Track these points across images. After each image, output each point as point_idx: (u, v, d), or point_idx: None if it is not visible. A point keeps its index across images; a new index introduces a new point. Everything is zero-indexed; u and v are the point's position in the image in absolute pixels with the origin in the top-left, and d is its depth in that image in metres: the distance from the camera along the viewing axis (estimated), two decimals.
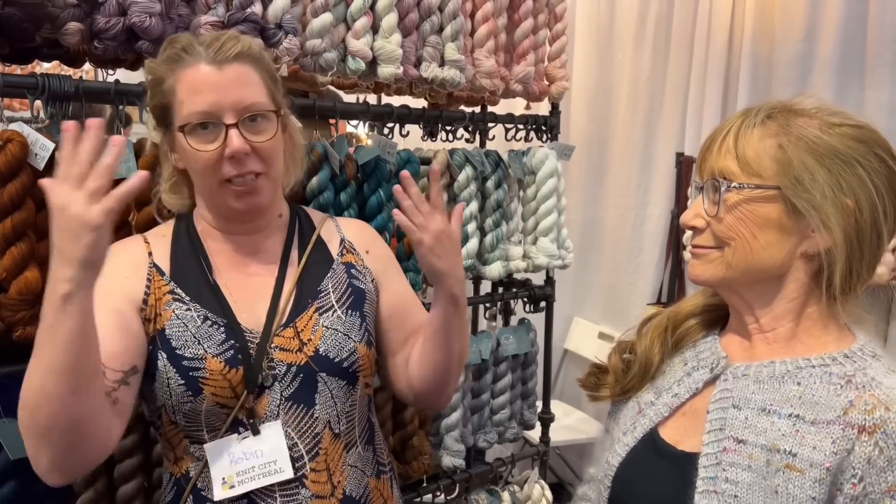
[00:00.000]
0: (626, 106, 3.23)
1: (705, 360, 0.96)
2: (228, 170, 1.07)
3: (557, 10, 1.99)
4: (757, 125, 0.89)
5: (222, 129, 1.05)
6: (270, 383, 1.10)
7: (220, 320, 1.10)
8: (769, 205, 0.87)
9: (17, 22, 1.16)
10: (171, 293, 1.11)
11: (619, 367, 1.04)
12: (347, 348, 1.15)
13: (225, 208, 1.13)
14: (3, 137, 1.18)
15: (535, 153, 1.96)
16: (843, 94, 2.60)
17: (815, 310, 0.90)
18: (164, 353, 1.08)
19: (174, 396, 1.07)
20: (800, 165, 0.85)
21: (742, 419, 0.87)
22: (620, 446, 0.98)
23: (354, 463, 1.17)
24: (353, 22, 1.54)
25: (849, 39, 2.59)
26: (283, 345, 1.12)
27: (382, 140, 1.67)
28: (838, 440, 0.80)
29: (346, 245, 1.25)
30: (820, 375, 0.86)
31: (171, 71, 1.08)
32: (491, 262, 1.87)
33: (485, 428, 1.93)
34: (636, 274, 3.25)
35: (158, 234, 1.19)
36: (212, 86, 1.05)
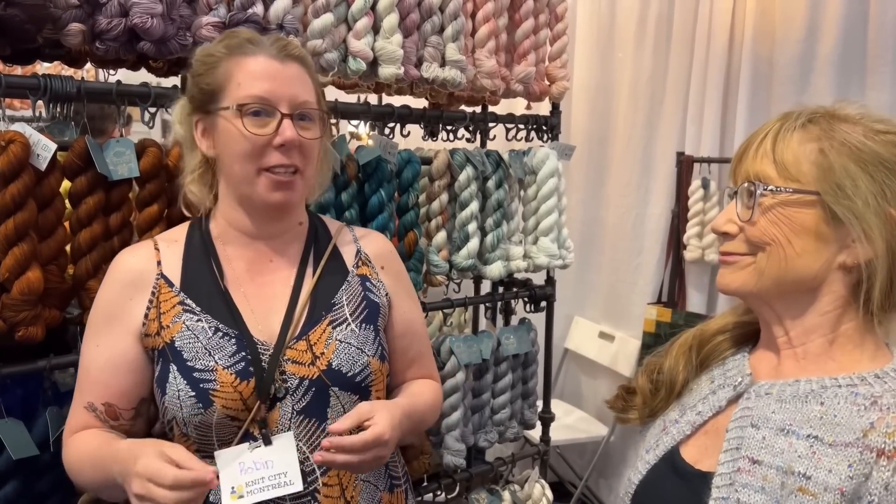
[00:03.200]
0: (627, 105, 3.23)
1: (731, 377, 0.93)
2: (276, 157, 1.08)
3: (558, 10, 1.99)
4: (797, 129, 0.85)
5: (276, 119, 1.07)
6: (283, 395, 1.09)
7: (231, 331, 1.09)
8: (807, 210, 0.83)
9: (19, 23, 1.16)
10: (182, 304, 1.11)
11: (647, 388, 1.01)
12: (361, 362, 1.13)
13: (255, 200, 1.11)
14: (5, 138, 1.18)
15: (535, 153, 1.96)
16: (843, 94, 2.60)
17: (852, 325, 0.85)
18: (175, 366, 1.07)
19: (185, 409, 1.06)
20: (842, 171, 0.81)
21: (759, 439, 0.83)
22: (642, 464, 0.96)
23: (367, 478, 1.16)
24: (354, 22, 1.54)
25: (849, 39, 2.60)
26: (295, 357, 1.10)
27: (383, 140, 1.67)
28: (855, 464, 0.76)
29: (362, 257, 1.24)
30: (845, 395, 0.81)
31: (230, 56, 1.09)
32: (492, 261, 1.88)
33: (485, 427, 1.93)
34: (637, 273, 3.25)
35: (171, 238, 1.18)
36: (273, 75, 1.08)
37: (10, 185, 1.18)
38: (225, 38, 1.14)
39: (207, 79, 1.10)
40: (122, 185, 1.32)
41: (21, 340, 1.22)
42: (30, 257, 1.21)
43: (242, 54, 1.09)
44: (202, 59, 1.12)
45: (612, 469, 3.24)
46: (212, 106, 1.10)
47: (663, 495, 0.92)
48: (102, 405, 1.10)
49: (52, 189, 1.25)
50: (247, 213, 1.15)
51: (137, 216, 1.35)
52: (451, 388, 1.80)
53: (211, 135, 1.12)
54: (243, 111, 1.06)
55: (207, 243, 1.16)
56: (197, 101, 1.12)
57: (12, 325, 1.21)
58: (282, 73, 1.09)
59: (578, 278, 3.36)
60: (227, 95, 1.08)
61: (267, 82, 1.08)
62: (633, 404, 1.03)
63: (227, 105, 1.08)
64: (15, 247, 1.20)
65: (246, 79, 1.08)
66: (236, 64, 1.09)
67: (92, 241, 1.30)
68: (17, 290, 1.19)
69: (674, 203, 3.12)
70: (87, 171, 1.28)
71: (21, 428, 1.24)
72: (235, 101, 1.07)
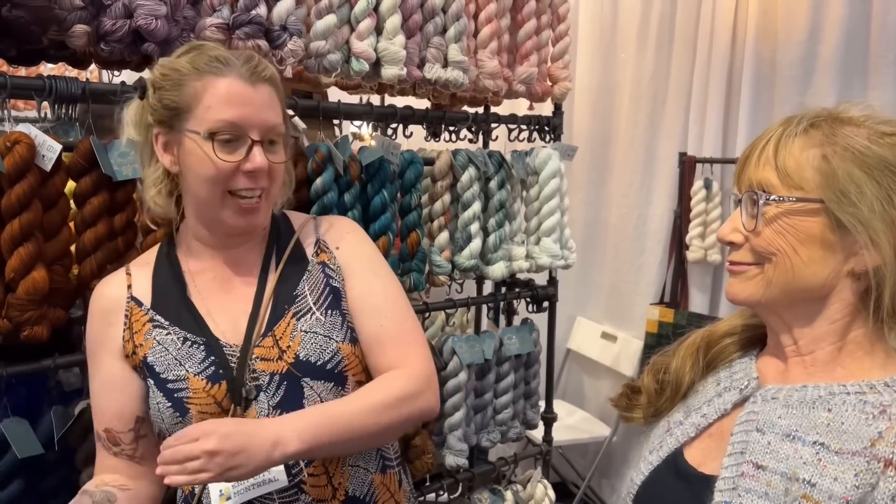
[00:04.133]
0: (629, 106, 3.23)
1: (738, 380, 0.91)
2: (243, 181, 1.07)
3: (560, 11, 2.00)
4: (799, 134, 0.83)
5: (246, 144, 1.06)
6: (255, 395, 1.10)
7: (199, 339, 1.11)
8: (811, 219, 0.81)
9: (24, 24, 1.17)
10: (151, 321, 1.13)
11: (652, 388, 1.00)
12: (330, 350, 1.13)
13: (220, 223, 1.11)
14: (10, 139, 1.19)
15: (538, 153, 1.96)
16: (846, 95, 2.60)
17: (861, 333, 0.84)
18: (152, 381, 1.11)
19: (165, 420, 1.10)
20: (846, 177, 0.79)
21: (764, 444, 0.82)
22: (645, 465, 0.95)
23: (355, 462, 1.17)
24: (356, 23, 1.55)
25: (852, 39, 2.60)
26: (263, 355, 1.11)
27: (386, 141, 1.67)
28: (862, 473, 0.74)
29: (320, 244, 1.22)
30: (854, 403, 0.79)
31: (199, 75, 1.05)
32: (494, 262, 1.88)
33: (488, 427, 1.94)
34: (639, 274, 3.25)
35: (143, 262, 1.20)
36: (244, 101, 1.06)
37: (16, 186, 1.19)
38: (190, 51, 1.10)
39: (172, 95, 1.06)
40: (126, 185, 1.33)
41: (26, 340, 1.23)
42: (35, 257, 1.21)
43: (212, 74, 1.05)
44: (166, 72, 1.07)
45: (615, 469, 3.24)
46: (177, 124, 1.07)
47: (665, 497, 0.91)
48: (104, 432, 1.13)
49: (57, 189, 1.26)
50: (209, 229, 1.15)
51: (141, 216, 1.36)
52: (454, 388, 1.81)
53: (173, 151, 1.09)
54: (214, 138, 1.04)
55: (174, 260, 1.17)
56: (159, 115, 1.08)
57: (17, 325, 1.22)
58: (253, 98, 1.06)
59: (581, 279, 3.36)
60: (195, 117, 1.05)
61: (238, 108, 1.05)
62: (638, 403, 1.02)
63: (196, 129, 1.05)
64: (20, 247, 1.20)
65: (217, 102, 1.04)
66: (204, 85, 1.05)
67: (96, 241, 1.30)
68: (22, 290, 1.20)
69: (676, 203, 3.12)
70: (91, 171, 1.29)
71: (26, 427, 1.25)
72: (205, 125, 1.04)
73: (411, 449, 1.77)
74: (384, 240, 1.61)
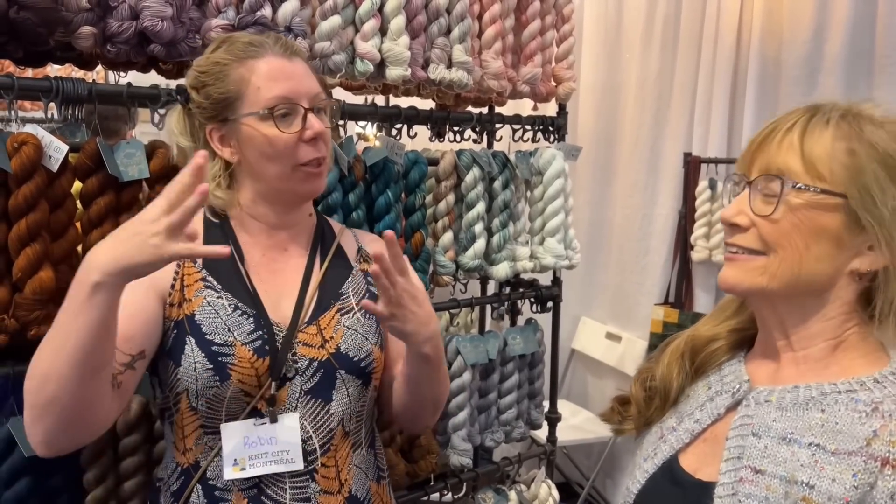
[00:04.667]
0: (634, 106, 3.23)
1: (729, 384, 0.91)
2: (308, 151, 1.12)
3: (565, 12, 2.00)
4: (830, 124, 0.81)
5: (299, 115, 1.11)
6: (293, 375, 1.13)
7: (250, 311, 1.13)
8: (829, 214, 0.80)
9: (31, 26, 1.18)
10: (203, 280, 1.13)
11: (641, 396, 0.99)
12: (365, 349, 1.18)
13: (289, 195, 1.16)
14: (17, 140, 1.20)
15: (542, 154, 1.96)
16: (851, 94, 2.59)
17: (855, 331, 0.84)
18: (193, 338, 1.09)
19: (200, 381, 1.08)
20: (872, 176, 0.78)
21: (761, 448, 0.81)
22: (640, 473, 0.94)
23: (359, 464, 1.20)
24: (361, 24, 1.55)
25: (857, 39, 2.59)
26: (306, 340, 1.15)
27: (390, 141, 1.68)
28: (860, 473, 0.74)
29: (363, 255, 1.29)
30: (846, 402, 0.79)
31: (238, 62, 1.11)
32: (498, 262, 1.88)
33: (492, 427, 1.94)
34: (644, 274, 3.25)
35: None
36: (288, 74, 1.11)
37: (23, 186, 1.20)
38: (221, 44, 1.14)
39: (219, 87, 1.11)
40: (132, 186, 1.33)
41: (33, 339, 1.23)
42: (42, 257, 1.22)
43: (250, 57, 1.11)
44: (208, 68, 1.13)
45: (619, 470, 3.24)
46: (230, 114, 1.11)
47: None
48: None
49: (63, 190, 1.27)
50: (271, 205, 1.18)
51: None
52: (458, 388, 1.81)
53: (231, 142, 1.14)
54: (273, 113, 1.09)
55: (227, 230, 1.18)
56: (210, 112, 1.13)
57: (25, 324, 1.22)
58: (293, 70, 1.13)
59: (585, 279, 3.36)
60: (248, 101, 1.10)
61: (284, 81, 1.11)
62: (629, 415, 1.01)
63: (252, 111, 1.10)
64: (27, 247, 1.21)
65: (264, 81, 1.10)
66: (247, 68, 1.10)
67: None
68: (29, 290, 1.21)
69: (681, 204, 3.12)
70: (98, 172, 1.30)
71: None
72: (260, 105, 1.09)
73: (416, 448, 1.77)
74: None
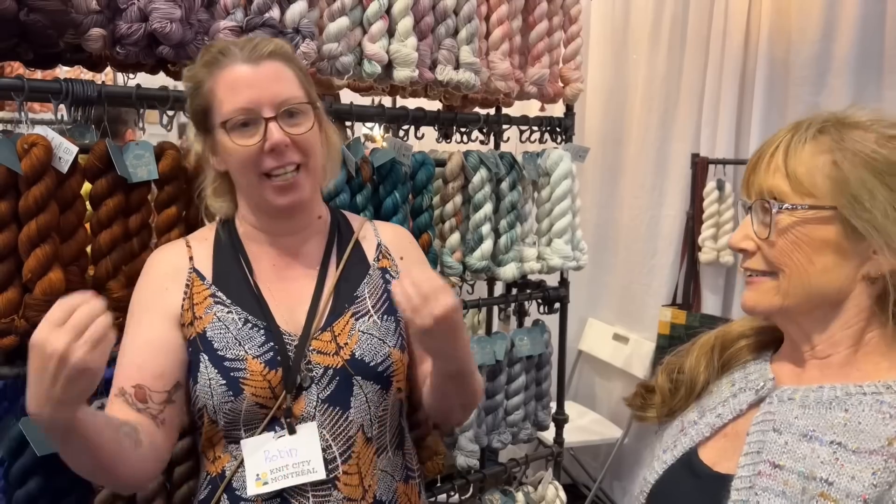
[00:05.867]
0: (641, 107, 3.22)
1: (753, 381, 0.92)
2: (269, 162, 1.09)
3: (572, 13, 2.00)
4: (808, 140, 0.83)
5: (261, 124, 1.08)
6: (308, 384, 1.12)
7: (260, 323, 1.12)
8: (825, 226, 0.81)
9: (41, 28, 1.19)
10: (213, 296, 1.14)
11: (666, 387, 1.00)
12: (382, 353, 1.16)
13: (266, 206, 1.14)
14: (27, 141, 1.20)
15: (549, 155, 1.96)
16: (860, 95, 2.58)
17: (877, 335, 0.84)
18: (206, 356, 1.10)
19: (216, 397, 1.09)
20: (857, 183, 0.80)
21: (781, 444, 0.82)
22: (659, 464, 0.95)
23: (385, 468, 1.18)
24: (369, 26, 1.56)
25: (866, 39, 2.57)
26: (320, 348, 1.13)
27: (398, 142, 1.68)
28: (879, 472, 0.75)
29: (382, 250, 1.26)
30: (870, 403, 0.80)
31: (209, 74, 1.11)
32: (505, 263, 1.88)
33: (499, 428, 1.94)
34: (651, 275, 3.24)
35: (201, 237, 1.22)
36: (249, 82, 1.08)
37: (33, 188, 1.21)
38: (203, 54, 1.15)
39: (197, 100, 1.13)
40: (141, 187, 1.34)
41: None
42: (51, 258, 1.23)
43: (218, 68, 1.10)
44: (188, 81, 1.15)
45: (626, 471, 3.23)
46: (209, 124, 1.13)
47: (680, 496, 0.91)
48: (133, 387, 1.09)
49: (73, 191, 1.28)
50: (265, 215, 1.18)
51: (156, 218, 1.37)
52: None
53: (215, 151, 1.15)
54: (227, 127, 1.08)
55: (235, 241, 1.19)
56: (196, 122, 1.16)
57: (34, 325, 1.22)
58: (256, 76, 1.08)
59: (592, 280, 3.35)
60: (216, 113, 1.10)
61: (244, 90, 1.08)
62: (652, 403, 1.02)
63: (215, 123, 1.11)
64: (37, 248, 1.22)
65: (225, 93, 1.09)
66: (215, 80, 1.10)
67: (112, 242, 1.32)
68: (39, 291, 1.22)
69: (688, 205, 3.11)
70: (107, 173, 1.30)
71: None
72: (220, 118, 1.09)
73: (423, 450, 1.77)
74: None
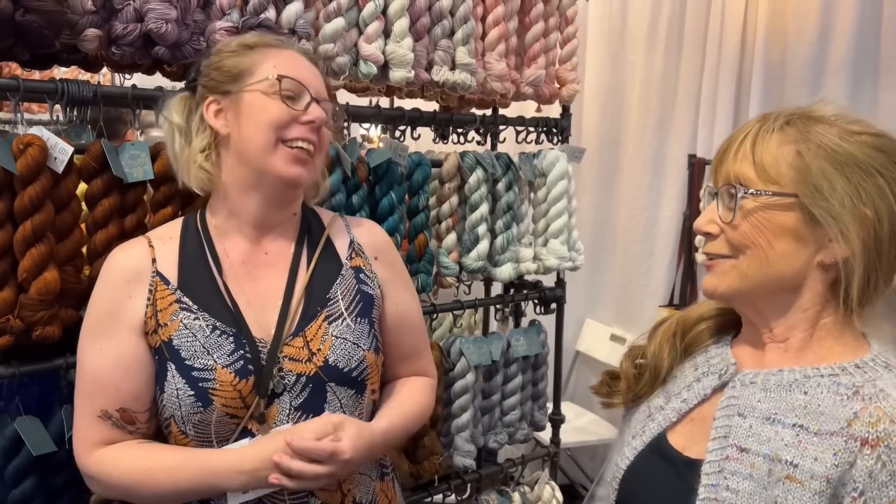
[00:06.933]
0: (638, 107, 3.23)
1: (715, 366, 0.95)
2: (300, 130, 1.12)
3: (568, 14, 2.00)
4: (776, 131, 0.87)
5: (305, 101, 1.13)
6: (281, 391, 1.10)
7: (229, 329, 1.10)
8: (786, 213, 0.85)
9: (37, 28, 1.19)
10: (178, 302, 1.10)
11: (631, 373, 1.03)
12: (357, 357, 1.14)
13: (269, 174, 1.11)
14: (23, 141, 1.20)
15: (545, 155, 1.97)
16: (856, 96, 2.59)
17: (831, 320, 0.88)
18: (173, 364, 1.07)
19: (183, 407, 1.07)
20: (818, 173, 0.84)
21: (746, 427, 0.86)
22: (629, 449, 0.98)
23: (362, 470, 1.18)
24: (365, 26, 1.56)
25: (862, 40, 2.59)
26: (292, 354, 1.11)
27: (394, 143, 1.68)
28: (840, 452, 0.79)
29: (354, 248, 1.24)
30: (828, 385, 0.84)
31: (261, 48, 1.16)
32: (501, 263, 1.88)
33: (495, 429, 1.94)
34: (648, 276, 3.25)
35: (164, 236, 1.17)
36: (305, 68, 1.17)
37: (28, 188, 1.20)
38: (249, 36, 1.21)
39: (234, 61, 1.14)
40: (137, 187, 1.34)
41: (38, 339, 1.24)
42: (47, 258, 1.23)
43: (274, 47, 1.17)
44: (228, 47, 1.17)
45: None
46: (238, 86, 1.13)
47: (652, 481, 0.94)
48: (117, 411, 1.09)
49: (68, 191, 1.27)
50: (255, 196, 1.14)
51: (152, 218, 1.37)
52: (461, 389, 1.81)
53: (227, 114, 1.14)
54: (282, 83, 1.11)
55: (204, 237, 1.16)
56: (213, 84, 1.15)
57: (30, 325, 1.23)
58: (311, 68, 1.18)
59: (590, 281, 3.35)
60: (259, 75, 1.12)
61: (301, 70, 1.15)
62: (618, 389, 1.05)
63: (262, 79, 1.11)
64: (33, 248, 1.21)
65: (282, 63, 1.14)
66: (268, 54, 1.15)
67: (107, 242, 1.31)
68: (34, 291, 1.22)
69: (685, 205, 3.12)
70: (102, 173, 1.30)
71: (39, 425, 1.26)
72: (274, 74, 1.11)
73: (419, 450, 1.78)
74: (392, 241, 1.62)
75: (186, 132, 1.17)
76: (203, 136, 1.16)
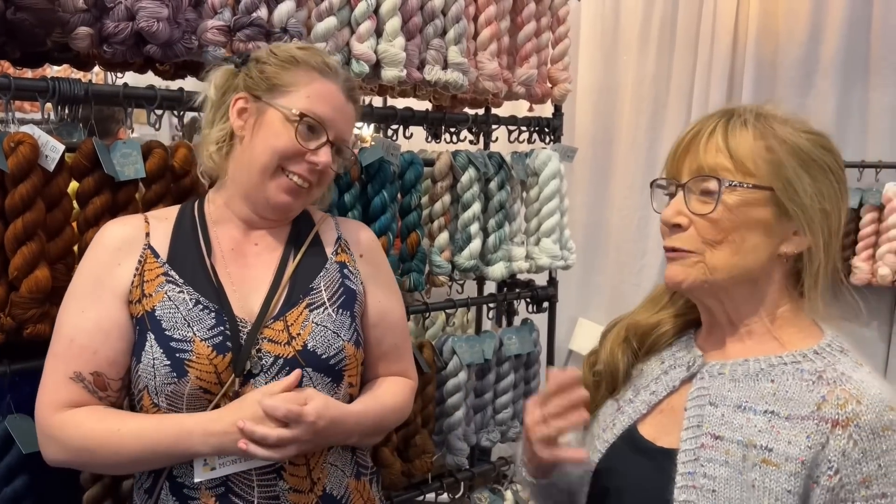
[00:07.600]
0: (631, 107, 3.24)
1: (681, 358, 0.99)
2: (302, 167, 1.15)
3: (560, 13, 2.01)
4: (746, 125, 0.89)
5: (320, 140, 1.15)
6: (258, 371, 1.11)
7: (212, 305, 1.12)
8: (761, 207, 0.88)
9: (28, 26, 1.19)
10: (165, 275, 1.13)
11: (590, 381, 1.06)
12: (335, 346, 1.16)
13: (262, 197, 1.16)
14: (14, 140, 1.20)
15: (537, 155, 1.97)
16: (847, 96, 2.61)
17: (787, 308, 0.93)
18: (153, 334, 1.09)
19: (158, 377, 1.08)
20: (790, 168, 0.87)
21: (719, 416, 0.89)
22: (600, 443, 1.00)
23: (335, 462, 1.18)
24: (357, 26, 1.56)
25: (853, 41, 2.60)
26: (272, 336, 1.13)
27: (386, 142, 1.69)
28: (813, 434, 0.83)
29: (341, 244, 1.27)
30: (792, 372, 0.88)
31: (308, 68, 1.16)
32: (494, 262, 1.89)
33: (488, 427, 1.95)
34: (641, 275, 3.26)
35: (161, 216, 1.21)
36: (338, 107, 1.18)
37: (20, 186, 1.21)
38: (306, 48, 1.21)
39: (277, 71, 1.15)
40: (128, 185, 1.34)
41: (29, 337, 1.24)
42: (38, 256, 1.23)
43: (320, 73, 1.17)
44: (279, 53, 1.18)
45: None
46: (268, 97, 1.14)
47: (627, 472, 0.96)
48: (91, 374, 1.09)
49: (60, 189, 1.28)
50: (248, 204, 1.19)
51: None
52: (454, 388, 1.82)
53: (249, 117, 1.15)
54: (301, 120, 1.13)
55: (199, 222, 1.20)
56: (252, 84, 1.16)
57: (21, 323, 1.23)
58: (344, 108, 1.19)
59: (583, 280, 3.36)
60: (291, 98, 1.14)
61: (331, 109, 1.16)
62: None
63: (289, 106, 1.13)
64: (24, 246, 1.22)
65: (316, 95, 1.15)
66: (311, 78, 1.16)
67: None
68: (25, 289, 1.22)
69: None
70: (94, 171, 1.30)
71: (30, 423, 1.25)
72: (299, 107, 1.13)
73: (412, 448, 1.78)
74: (384, 240, 1.62)
75: (214, 111, 1.20)
76: (222, 128, 1.19)
